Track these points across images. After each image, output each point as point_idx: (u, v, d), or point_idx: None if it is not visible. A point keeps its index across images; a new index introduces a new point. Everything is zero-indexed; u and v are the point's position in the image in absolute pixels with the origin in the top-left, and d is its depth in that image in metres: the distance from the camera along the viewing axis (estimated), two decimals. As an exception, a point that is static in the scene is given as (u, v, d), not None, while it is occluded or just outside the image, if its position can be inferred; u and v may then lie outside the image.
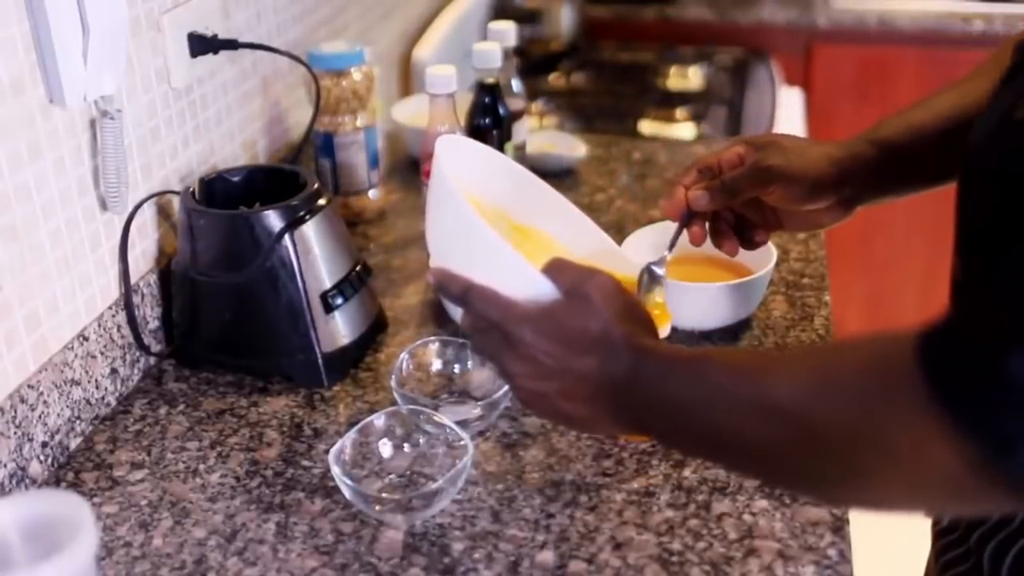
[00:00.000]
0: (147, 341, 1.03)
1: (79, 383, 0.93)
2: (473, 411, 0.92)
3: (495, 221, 0.82)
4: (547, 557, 0.79)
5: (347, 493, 0.82)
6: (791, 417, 0.58)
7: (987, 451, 0.49)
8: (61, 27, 0.85)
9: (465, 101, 1.21)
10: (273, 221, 0.97)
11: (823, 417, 0.57)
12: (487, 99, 1.21)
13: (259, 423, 0.96)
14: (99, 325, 0.96)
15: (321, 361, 1.00)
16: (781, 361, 0.65)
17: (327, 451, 0.86)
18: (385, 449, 0.88)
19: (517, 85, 1.30)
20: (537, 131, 1.63)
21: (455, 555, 0.79)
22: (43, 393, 0.88)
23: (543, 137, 1.52)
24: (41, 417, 0.88)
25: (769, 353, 0.95)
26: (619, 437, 0.90)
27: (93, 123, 0.94)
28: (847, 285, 2.39)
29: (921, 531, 0.89)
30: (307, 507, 0.85)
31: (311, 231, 0.99)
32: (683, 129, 1.88)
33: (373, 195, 1.34)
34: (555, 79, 2.14)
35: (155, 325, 1.05)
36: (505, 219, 0.86)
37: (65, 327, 0.92)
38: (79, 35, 0.87)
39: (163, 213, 1.08)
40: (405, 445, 0.89)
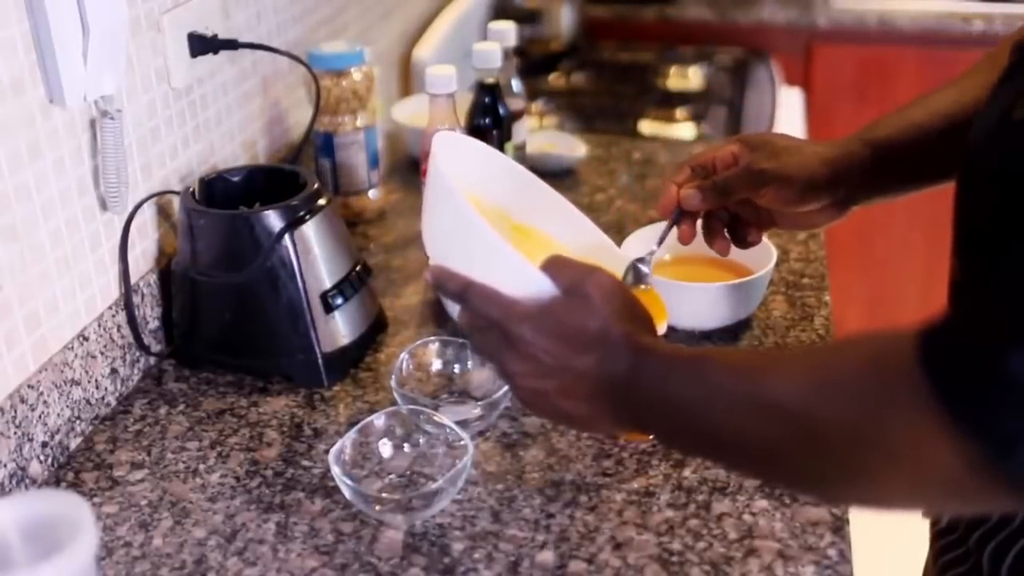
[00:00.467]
0: (147, 341, 1.03)
1: (79, 383, 0.93)
2: (473, 411, 0.92)
3: (494, 220, 0.81)
4: (547, 557, 0.79)
5: (347, 493, 0.82)
6: (791, 416, 0.58)
7: (987, 451, 0.49)
8: (61, 27, 0.85)
9: (465, 101, 1.21)
10: (273, 221, 0.97)
11: (823, 416, 0.57)
12: (487, 99, 1.21)
13: (259, 423, 0.96)
14: (99, 325, 0.96)
15: (321, 361, 1.00)
16: (781, 360, 0.65)
17: (327, 451, 0.86)
18: (385, 449, 0.88)
19: (517, 85, 1.30)
20: (537, 131, 1.62)
21: (455, 555, 0.79)
22: (43, 393, 0.88)
23: (543, 137, 1.52)
24: (41, 417, 0.88)
25: (769, 352, 0.95)
26: (619, 436, 0.90)
27: (93, 123, 0.94)
28: (847, 285, 2.39)
29: (920, 531, 0.89)
30: (307, 507, 0.85)
31: (311, 231, 0.99)
32: (683, 129, 1.88)
33: (373, 195, 1.34)
34: (555, 79, 2.14)
35: (155, 325, 1.06)
36: (504, 218, 0.85)
37: (65, 327, 0.92)
38: (79, 35, 0.87)
39: (163, 213, 1.08)
40: (405, 445, 0.89)
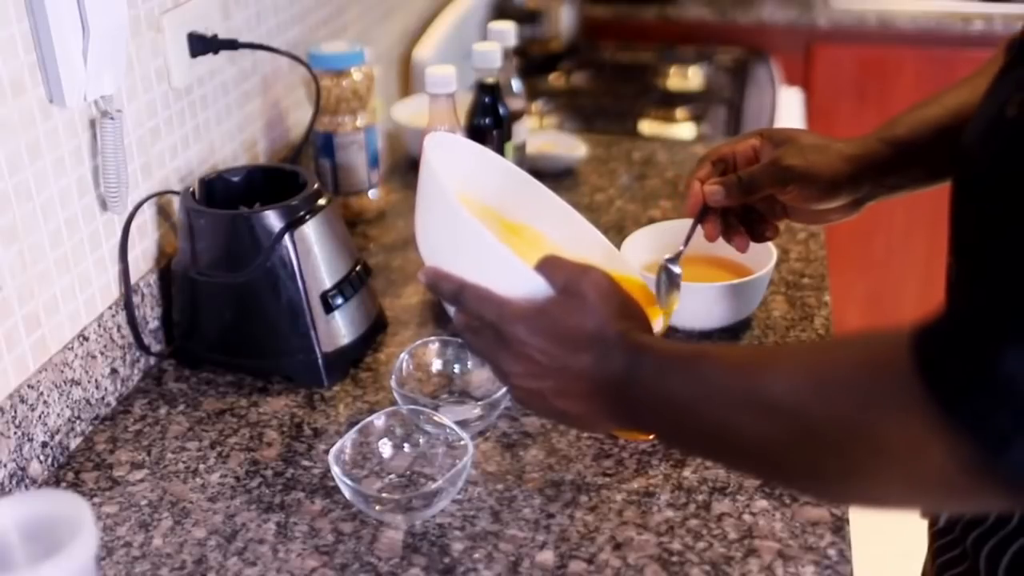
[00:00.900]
0: (147, 341, 1.03)
1: (79, 383, 0.93)
2: (473, 411, 0.92)
3: (487, 219, 0.81)
4: (547, 557, 0.79)
5: (347, 493, 0.82)
6: (786, 414, 0.58)
7: (981, 449, 0.49)
8: (61, 27, 0.86)
9: (465, 101, 1.21)
10: (273, 221, 0.97)
11: (818, 414, 0.56)
12: (487, 99, 1.21)
13: (259, 423, 0.96)
14: (99, 325, 0.96)
15: (321, 361, 1.00)
16: (777, 358, 0.65)
17: (327, 451, 0.86)
18: (385, 449, 0.88)
19: (517, 85, 1.30)
20: (537, 131, 1.63)
21: (455, 555, 0.79)
22: (43, 393, 0.88)
23: (543, 137, 1.52)
24: (41, 417, 0.88)
25: (766, 350, 0.95)
26: (618, 435, 0.90)
27: (93, 123, 0.94)
28: (847, 285, 2.39)
29: (920, 531, 0.89)
30: (307, 507, 0.85)
31: (311, 231, 0.99)
32: (683, 129, 1.88)
33: (373, 195, 1.34)
34: (555, 79, 2.14)
35: (155, 325, 1.06)
36: (497, 217, 0.85)
37: (65, 327, 0.92)
38: (79, 35, 0.87)
39: (163, 213, 1.08)
40: (405, 445, 0.89)
